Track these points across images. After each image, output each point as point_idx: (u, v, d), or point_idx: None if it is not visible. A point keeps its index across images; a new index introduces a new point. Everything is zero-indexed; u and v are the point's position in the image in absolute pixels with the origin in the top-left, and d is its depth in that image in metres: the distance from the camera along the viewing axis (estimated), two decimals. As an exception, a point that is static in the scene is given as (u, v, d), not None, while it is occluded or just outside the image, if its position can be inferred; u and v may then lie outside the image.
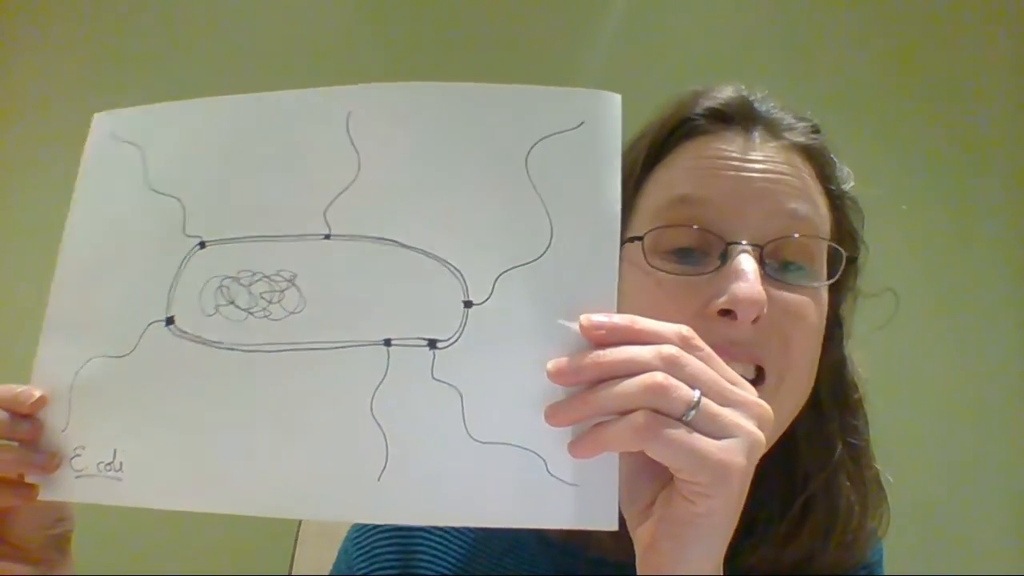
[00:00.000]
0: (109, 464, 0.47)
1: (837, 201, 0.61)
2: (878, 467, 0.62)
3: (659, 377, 0.40)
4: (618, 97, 0.46)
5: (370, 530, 0.65)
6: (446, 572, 0.61)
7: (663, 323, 0.43)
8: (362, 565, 0.63)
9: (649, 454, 0.41)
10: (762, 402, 0.43)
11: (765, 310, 0.52)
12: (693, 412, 0.40)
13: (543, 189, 0.46)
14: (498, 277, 0.46)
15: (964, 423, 1.71)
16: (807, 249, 0.56)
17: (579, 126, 0.46)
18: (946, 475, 1.65)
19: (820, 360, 0.59)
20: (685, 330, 0.43)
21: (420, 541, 0.63)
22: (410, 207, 0.47)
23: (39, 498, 0.47)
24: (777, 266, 0.56)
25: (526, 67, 1.82)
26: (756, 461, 0.41)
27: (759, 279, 0.52)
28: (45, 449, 0.47)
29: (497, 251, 0.46)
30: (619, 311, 0.43)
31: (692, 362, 0.41)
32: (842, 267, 0.58)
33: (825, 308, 0.58)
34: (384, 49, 1.87)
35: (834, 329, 0.62)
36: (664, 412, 0.40)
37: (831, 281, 0.58)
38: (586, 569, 0.59)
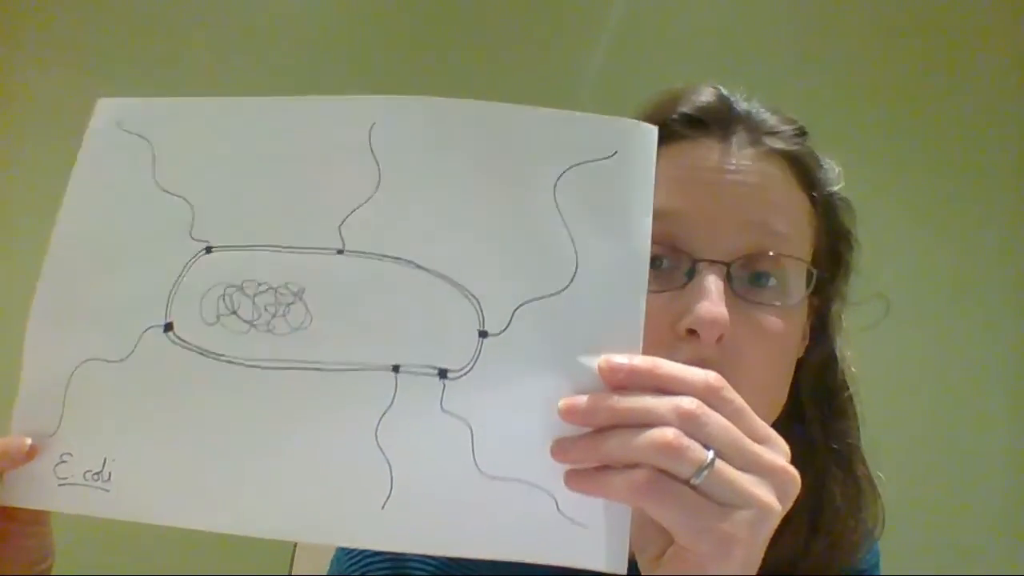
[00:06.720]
0: (97, 474, 0.44)
1: (823, 205, 0.60)
2: (867, 469, 0.61)
3: (670, 435, 0.38)
4: (655, 129, 0.44)
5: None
6: (437, 572, 0.61)
7: (689, 369, 0.41)
8: (353, 569, 0.63)
9: (648, 513, 0.39)
10: (789, 468, 0.40)
11: (727, 330, 0.51)
12: (704, 474, 0.38)
13: (571, 218, 0.44)
14: (517, 308, 0.44)
15: (958, 421, 1.71)
16: (779, 261, 0.55)
17: (612, 155, 0.44)
18: (941, 474, 1.66)
19: (801, 364, 0.59)
20: (714, 378, 0.40)
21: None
22: (430, 227, 0.45)
23: (14, 503, 0.45)
24: (747, 278, 0.55)
25: (527, 64, 1.78)
26: (768, 533, 0.39)
27: (723, 299, 0.52)
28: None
29: (517, 280, 0.44)
30: None
31: (712, 419, 0.39)
32: (812, 285, 0.57)
33: (800, 319, 0.58)
34: (385, 45, 1.82)
35: (818, 333, 0.61)
36: (671, 472, 0.38)
37: (799, 300, 0.56)
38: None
